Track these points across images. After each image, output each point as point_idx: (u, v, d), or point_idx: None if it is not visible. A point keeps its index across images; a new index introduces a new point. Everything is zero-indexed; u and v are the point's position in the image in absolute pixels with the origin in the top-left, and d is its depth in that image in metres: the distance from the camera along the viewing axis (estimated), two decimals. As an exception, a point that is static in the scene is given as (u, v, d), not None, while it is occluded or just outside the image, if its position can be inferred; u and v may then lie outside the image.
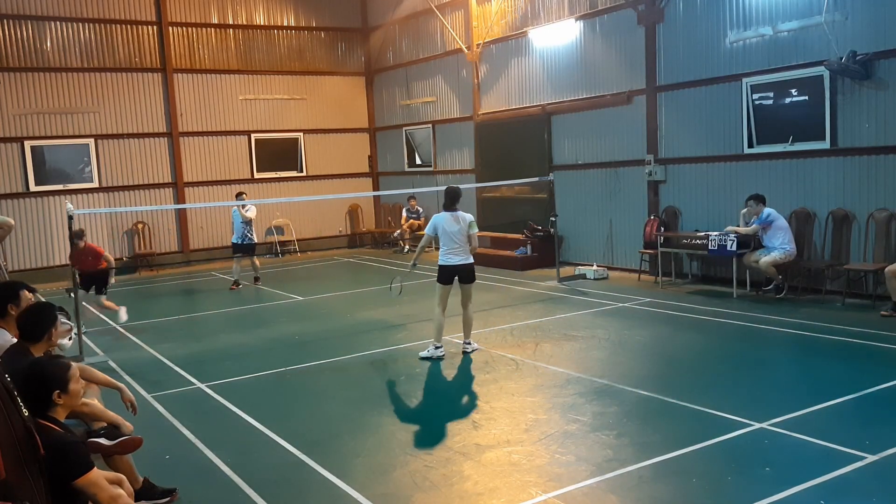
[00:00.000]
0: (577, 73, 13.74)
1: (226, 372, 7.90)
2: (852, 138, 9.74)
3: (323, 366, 8.06)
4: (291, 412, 6.62)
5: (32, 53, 15.77)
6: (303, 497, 4.86)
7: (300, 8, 18.86)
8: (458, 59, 16.74)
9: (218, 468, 5.27)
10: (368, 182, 19.97)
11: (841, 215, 9.85)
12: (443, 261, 8.20)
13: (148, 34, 17.03)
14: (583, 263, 13.32)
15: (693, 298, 10.45)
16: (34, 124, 15.81)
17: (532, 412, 6.18)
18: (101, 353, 8.97)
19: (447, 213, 8.16)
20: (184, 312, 11.93)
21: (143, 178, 16.99)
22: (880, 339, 7.81)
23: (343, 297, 12.39)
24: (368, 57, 19.84)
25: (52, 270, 15.29)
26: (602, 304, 10.43)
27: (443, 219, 8.16)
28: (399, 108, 19.12)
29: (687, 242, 11.28)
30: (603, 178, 13.38)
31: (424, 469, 5.08)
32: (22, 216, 15.39)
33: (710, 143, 11.50)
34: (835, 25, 9.71)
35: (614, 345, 8.27)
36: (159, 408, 6.76)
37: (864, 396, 6.07)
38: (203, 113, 17.69)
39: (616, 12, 12.82)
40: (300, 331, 9.97)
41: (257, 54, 18.31)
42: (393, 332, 9.44)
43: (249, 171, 18.20)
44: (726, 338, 8.43)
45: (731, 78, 11.03)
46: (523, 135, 15.09)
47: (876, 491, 4.44)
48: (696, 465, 4.97)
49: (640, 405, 6.22)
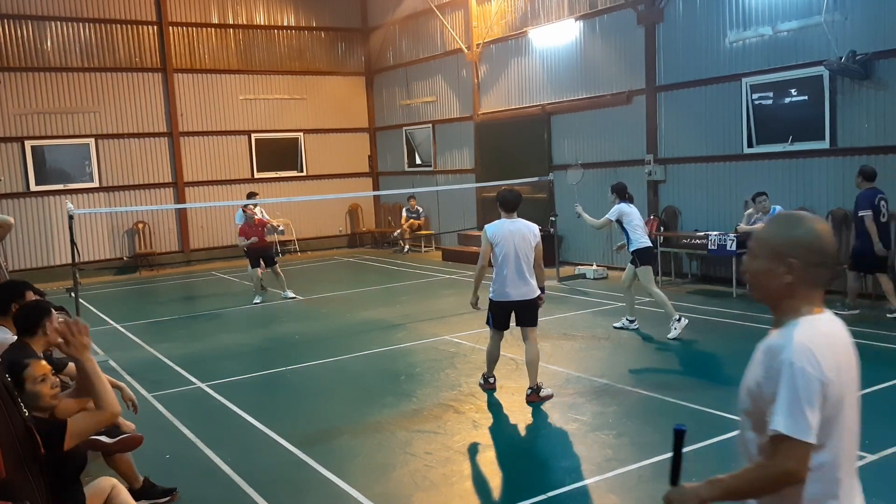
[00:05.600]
0: (577, 73, 13.74)
1: (226, 371, 7.91)
2: (852, 138, 9.75)
3: (323, 365, 8.07)
4: (291, 412, 6.62)
5: (33, 53, 15.78)
6: (303, 496, 4.87)
7: (300, 8, 18.86)
8: (458, 59, 16.75)
9: (218, 467, 5.28)
10: (368, 182, 19.97)
11: (841, 215, 9.85)
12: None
13: (148, 34, 17.03)
14: (582, 263, 13.33)
15: (693, 298, 10.46)
16: (34, 124, 15.82)
17: (532, 412, 6.19)
18: (102, 352, 8.97)
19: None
20: (184, 312, 11.93)
21: (143, 178, 17.00)
22: (880, 339, 7.81)
23: (343, 296, 12.40)
24: (368, 57, 19.85)
25: (52, 270, 15.28)
26: (602, 303, 10.43)
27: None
28: (399, 108, 19.12)
29: (687, 242, 11.30)
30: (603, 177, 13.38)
31: (424, 469, 5.09)
32: (22, 216, 15.39)
33: (709, 143, 11.51)
34: (834, 25, 9.72)
35: (614, 344, 8.27)
36: (159, 407, 6.77)
37: (863, 396, 6.04)
38: (203, 113, 17.69)
39: (616, 12, 12.83)
40: (300, 330, 9.98)
41: (257, 54, 18.32)
42: (393, 332, 9.45)
43: (250, 171, 18.21)
44: (726, 337, 8.44)
45: (731, 78, 11.04)
46: (523, 135, 15.10)
47: (876, 491, 4.44)
48: (696, 465, 4.97)
49: (639, 405, 6.22)
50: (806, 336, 1.95)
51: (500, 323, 6.44)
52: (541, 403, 6.30)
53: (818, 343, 1.95)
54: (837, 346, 2.01)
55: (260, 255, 12.06)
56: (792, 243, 2.00)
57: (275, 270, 12.18)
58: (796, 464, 1.89)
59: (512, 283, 6.21)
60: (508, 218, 6.39)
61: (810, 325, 1.99)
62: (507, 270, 6.20)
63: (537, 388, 6.35)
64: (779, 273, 2.02)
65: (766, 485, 1.96)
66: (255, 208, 13.32)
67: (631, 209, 8.59)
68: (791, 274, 2.01)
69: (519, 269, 6.19)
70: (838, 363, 1.97)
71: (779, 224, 2.08)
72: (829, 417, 1.94)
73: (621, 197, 8.65)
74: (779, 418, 1.89)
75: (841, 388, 1.97)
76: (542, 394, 6.36)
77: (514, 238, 6.21)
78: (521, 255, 6.19)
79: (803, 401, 1.88)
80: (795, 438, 1.88)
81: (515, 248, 6.18)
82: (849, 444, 2.03)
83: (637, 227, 8.53)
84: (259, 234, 12.06)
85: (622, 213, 8.53)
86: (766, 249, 2.05)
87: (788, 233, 2.02)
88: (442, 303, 11.18)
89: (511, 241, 6.21)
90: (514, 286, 6.22)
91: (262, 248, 12.17)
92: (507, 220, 6.35)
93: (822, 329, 2.00)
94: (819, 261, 2.01)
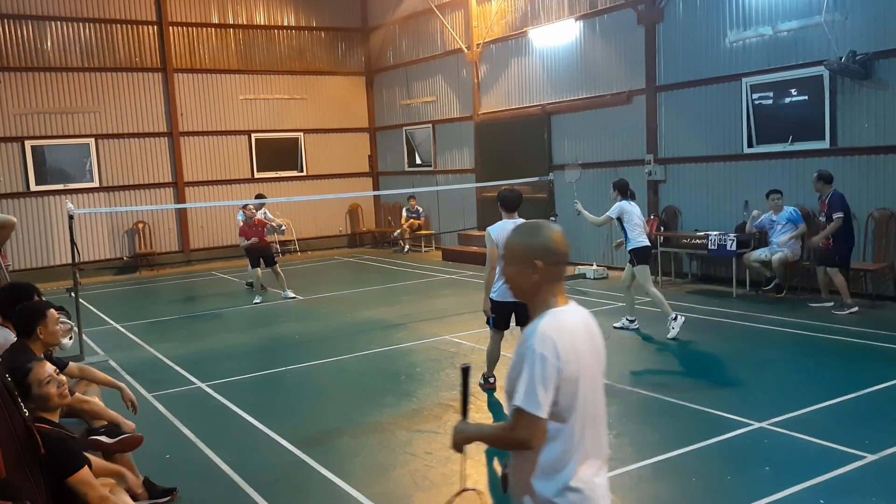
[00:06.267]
0: (577, 73, 13.74)
1: (226, 371, 7.91)
2: (852, 138, 9.74)
3: (323, 365, 8.07)
4: (292, 412, 6.62)
5: (33, 53, 15.77)
6: (303, 496, 4.87)
7: (300, 8, 18.86)
8: (458, 58, 16.75)
9: (218, 467, 5.28)
10: (368, 182, 19.97)
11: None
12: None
13: (148, 34, 17.03)
14: (582, 263, 13.32)
15: (693, 298, 10.46)
16: (34, 124, 15.82)
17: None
18: (102, 352, 8.97)
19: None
20: (184, 312, 11.93)
21: (143, 178, 16.99)
22: (880, 338, 7.81)
23: (343, 296, 12.40)
24: (368, 57, 19.85)
25: (52, 270, 15.28)
26: (602, 303, 10.43)
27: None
28: (399, 107, 19.12)
29: (687, 242, 11.29)
30: (603, 177, 13.38)
31: (424, 469, 5.09)
32: (22, 216, 15.38)
33: (709, 143, 11.50)
34: (834, 25, 9.71)
35: (614, 344, 8.26)
36: (160, 407, 6.77)
37: (863, 396, 6.07)
38: (203, 113, 17.69)
39: (616, 12, 12.83)
40: (300, 330, 9.98)
41: (257, 54, 18.32)
42: (393, 331, 9.44)
43: (250, 171, 18.21)
44: (726, 337, 8.43)
45: (731, 78, 11.04)
46: (523, 135, 15.09)
47: (875, 490, 4.45)
48: (696, 465, 4.98)
49: (639, 404, 6.22)
50: (549, 326, 2.27)
51: (500, 323, 6.44)
52: None
53: (559, 332, 2.27)
54: (577, 334, 2.33)
55: (260, 255, 12.14)
56: (535, 248, 2.36)
57: (275, 270, 12.22)
58: (528, 433, 2.24)
59: None
60: (510, 218, 6.38)
61: (554, 317, 2.31)
62: None
63: None
64: (528, 273, 2.36)
65: (505, 445, 2.39)
66: (260, 209, 13.36)
67: (632, 207, 8.58)
68: (537, 273, 2.34)
69: None
70: (576, 349, 2.29)
71: (522, 234, 2.44)
72: (568, 394, 2.26)
73: (623, 194, 8.63)
74: (518, 394, 2.23)
75: (579, 370, 2.28)
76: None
77: None
78: None
79: (538, 382, 2.21)
80: (529, 412, 2.21)
81: None
82: (589, 416, 2.34)
83: (636, 226, 8.53)
84: (259, 234, 12.14)
85: (623, 211, 8.52)
86: (516, 256, 2.40)
87: (531, 240, 2.39)
88: (442, 303, 11.18)
89: None
90: None
91: (263, 247, 12.25)
92: (509, 221, 6.34)
93: (564, 319, 2.33)
94: (557, 260, 2.37)
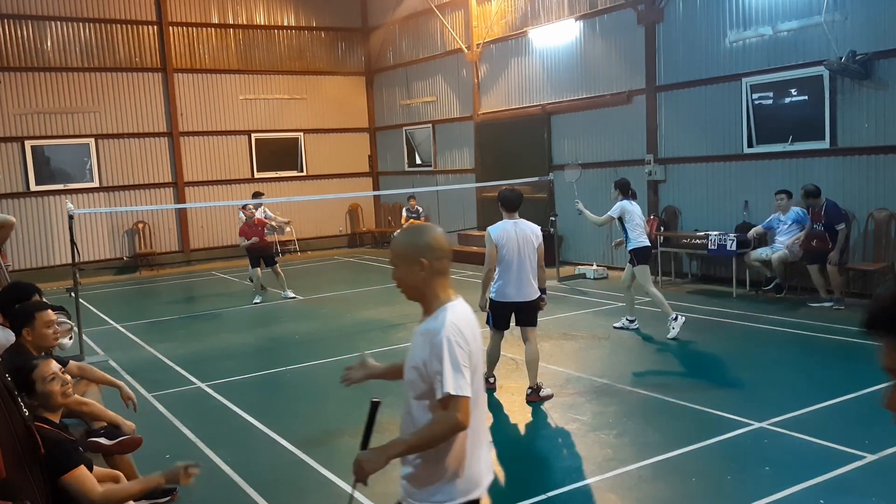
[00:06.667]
0: (577, 73, 13.74)
1: (226, 371, 7.91)
2: (852, 138, 9.74)
3: (323, 365, 8.06)
4: (292, 411, 6.62)
5: (33, 53, 15.77)
6: (303, 496, 4.87)
7: (300, 8, 18.86)
8: (458, 58, 16.74)
9: (218, 467, 5.28)
10: (368, 182, 19.97)
11: (841, 215, 9.86)
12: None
13: (148, 34, 17.03)
14: (583, 263, 13.33)
15: (693, 298, 10.46)
16: (34, 124, 15.82)
17: (532, 411, 6.19)
18: (102, 352, 8.97)
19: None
20: (184, 312, 11.93)
21: (143, 178, 16.99)
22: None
23: (343, 296, 12.40)
24: (368, 57, 19.85)
25: (52, 270, 15.28)
26: (602, 303, 10.43)
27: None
28: (399, 107, 19.12)
29: (687, 242, 11.29)
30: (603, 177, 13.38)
31: (424, 468, 5.08)
32: (22, 216, 15.38)
33: (709, 143, 11.50)
34: (834, 25, 9.71)
35: (614, 344, 8.27)
36: (159, 407, 6.77)
37: (863, 396, 6.07)
38: (203, 113, 17.69)
39: (616, 12, 12.83)
40: (300, 330, 9.98)
41: (257, 54, 18.32)
42: (393, 331, 9.44)
43: (250, 171, 18.21)
44: (726, 337, 8.43)
45: (731, 78, 11.04)
46: (523, 135, 15.09)
47: (875, 490, 4.45)
48: (696, 465, 4.98)
49: (639, 404, 6.22)
50: (454, 318, 2.51)
51: (500, 323, 6.43)
52: (541, 403, 6.29)
53: (462, 322, 2.52)
54: (471, 323, 2.58)
55: (260, 255, 12.14)
56: (420, 247, 2.55)
57: (275, 270, 12.22)
58: (463, 415, 2.44)
59: (514, 284, 6.18)
60: (510, 218, 6.34)
61: (453, 310, 2.54)
62: (511, 271, 6.16)
63: (537, 387, 6.35)
64: (415, 271, 2.55)
65: (443, 435, 2.49)
66: (259, 208, 13.38)
67: (633, 207, 8.58)
68: (424, 270, 2.53)
69: (522, 271, 6.15)
70: (475, 337, 2.56)
71: (407, 235, 2.63)
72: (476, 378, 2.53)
73: (624, 194, 8.62)
74: (447, 382, 2.42)
75: (478, 356, 2.58)
76: (542, 394, 6.34)
77: (518, 239, 6.17)
78: (524, 257, 6.16)
79: (461, 367, 2.43)
80: (460, 395, 2.42)
81: (519, 249, 6.15)
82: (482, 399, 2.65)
83: (637, 226, 8.52)
84: (259, 233, 12.13)
85: (624, 211, 8.52)
86: (403, 257, 2.58)
87: (416, 240, 2.58)
88: (442, 303, 11.15)
89: (515, 242, 6.16)
90: (516, 287, 6.19)
91: (263, 247, 12.25)
92: (509, 221, 6.31)
93: (461, 311, 2.57)
94: (441, 255, 2.56)
